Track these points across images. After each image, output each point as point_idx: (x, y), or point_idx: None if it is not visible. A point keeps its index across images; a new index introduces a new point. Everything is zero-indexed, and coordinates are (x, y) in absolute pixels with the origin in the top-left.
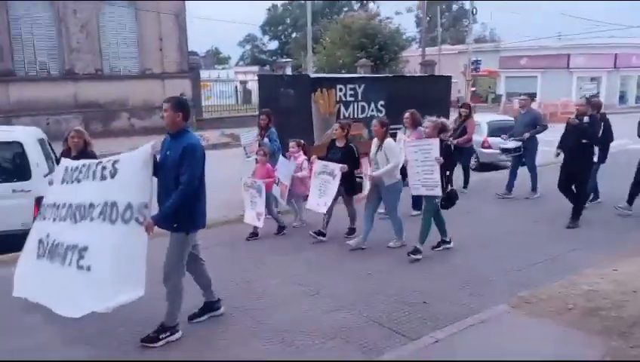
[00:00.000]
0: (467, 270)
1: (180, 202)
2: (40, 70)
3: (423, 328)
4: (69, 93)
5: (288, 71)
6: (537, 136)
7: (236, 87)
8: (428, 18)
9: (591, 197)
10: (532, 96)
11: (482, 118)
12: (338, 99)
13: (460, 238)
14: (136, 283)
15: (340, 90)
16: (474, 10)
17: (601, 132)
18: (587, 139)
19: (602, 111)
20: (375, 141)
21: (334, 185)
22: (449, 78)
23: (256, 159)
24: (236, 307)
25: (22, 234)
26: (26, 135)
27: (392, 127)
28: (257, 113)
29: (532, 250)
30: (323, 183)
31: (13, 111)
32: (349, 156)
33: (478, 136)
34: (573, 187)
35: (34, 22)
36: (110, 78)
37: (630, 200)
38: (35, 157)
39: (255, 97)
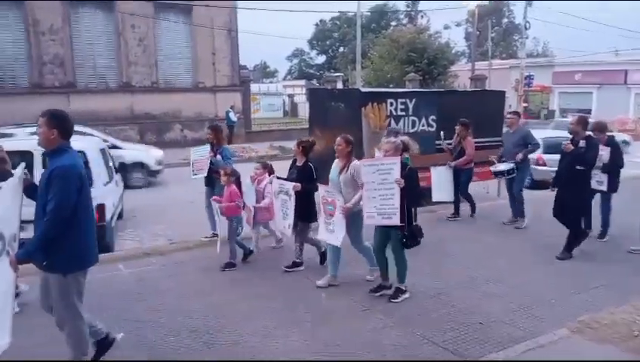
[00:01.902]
0: (524, 291)
1: (45, 236)
2: (99, 82)
3: (480, 350)
4: (125, 104)
5: (339, 85)
6: (530, 155)
7: (284, 100)
8: (477, 32)
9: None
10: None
11: (537, 135)
12: (388, 114)
13: (517, 258)
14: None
15: (391, 104)
16: (527, 24)
17: (608, 157)
18: (581, 164)
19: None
20: (336, 162)
21: (292, 205)
22: (502, 92)
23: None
24: (285, 319)
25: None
26: (89, 144)
27: (447, 142)
28: (307, 126)
29: (589, 274)
30: (283, 204)
31: (74, 121)
32: (305, 175)
33: (532, 154)
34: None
35: (95, 36)
36: (165, 90)
37: None
38: (97, 166)
39: (301, 110)
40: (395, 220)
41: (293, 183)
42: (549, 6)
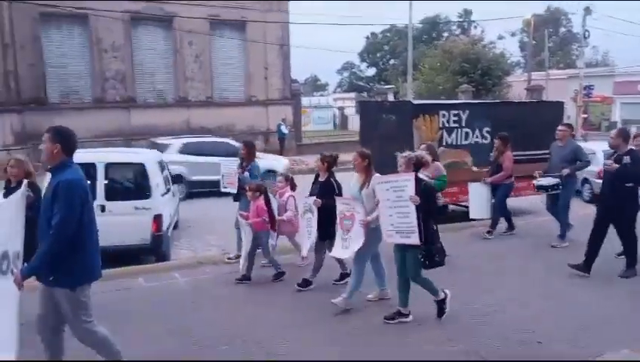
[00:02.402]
0: (584, 309)
1: (51, 250)
2: (158, 97)
3: None
4: (182, 118)
5: (390, 97)
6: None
7: (334, 113)
8: (533, 42)
9: None
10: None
11: (598, 147)
12: (441, 126)
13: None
14: (7, 346)
15: (443, 116)
16: (586, 33)
17: None
18: (628, 181)
19: None
20: (357, 176)
21: (315, 222)
22: (560, 103)
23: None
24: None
25: (140, 248)
26: (148, 157)
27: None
28: (358, 138)
29: None
30: (308, 222)
31: (133, 135)
32: (327, 191)
33: (594, 167)
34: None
35: (154, 52)
36: (219, 104)
37: None
38: (155, 178)
39: (352, 123)
40: (414, 239)
41: (314, 198)
42: (609, 14)
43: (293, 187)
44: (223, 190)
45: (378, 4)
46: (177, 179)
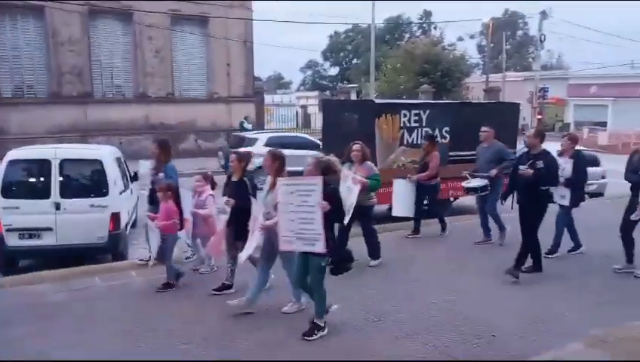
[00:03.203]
0: (538, 305)
1: None
2: (116, 93)
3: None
4: (141, 114)
5: (353, 96)
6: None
7: (297, 111)
8: (491, 44)
9: (570, 247)
10: (602, 125)
11: (552, 148)
12: (402, 125)
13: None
14: None
15: (405, 115)
16: (542, 36)
17: (571, 170)
18: (544, 184)
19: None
20: (268, 179)
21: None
22: (516, 105)
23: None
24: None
25: (97, 247)
26: (105, 153)
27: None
28: (320, 137)
29: (600, 289)
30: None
31: (90, 131)
32: (240, 192)
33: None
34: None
35: (113, 47)
36: (180, 101)
37: (630, 258)
38: (113, 174)
39: (314, 122)
40: (319, 247)
41: (226, 198)
42: (563, 18)
43: (213, 186)
44: (142, 191)
45: (342, 3)
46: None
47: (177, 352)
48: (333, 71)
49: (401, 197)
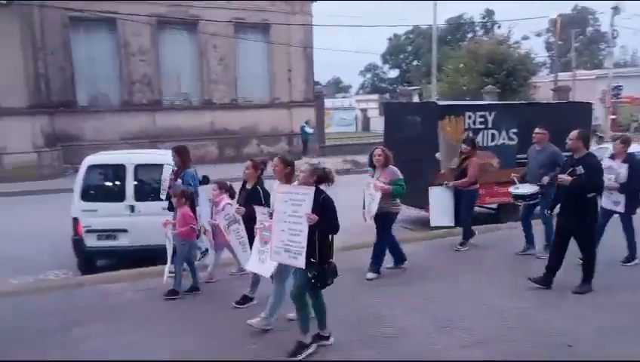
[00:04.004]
0: (615, 311)
1: None
2: (183, 100)
3: None
4: (206, 120)
5: (415, 98)
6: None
7: (356, 115)
8: (560, 42)
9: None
10: None
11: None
12: (467, 127)
13: (606, 279)
14: None
15: (469, 117)
16: (615, 32)
17: (626, 175)
18: (588, 191)
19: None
20: (278, 185)
21: (244, 231)
22: (589, 104)
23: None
24: (365, 335)
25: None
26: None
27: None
28: (382, 140)
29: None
30: (237, 234)
31: (159, 137)
32: (253, 199)
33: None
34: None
35: (180, 56)
36: (243, 107)
37: None
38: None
39: (374, 125)
40: (300, 262)
41: (236, 207)
42: (637, 12)
43: (232, 195)
44: (161, 196)
45: (400, 5)
46: None
47: (250, 352)
48: (393, 73)
49: (439, 206)
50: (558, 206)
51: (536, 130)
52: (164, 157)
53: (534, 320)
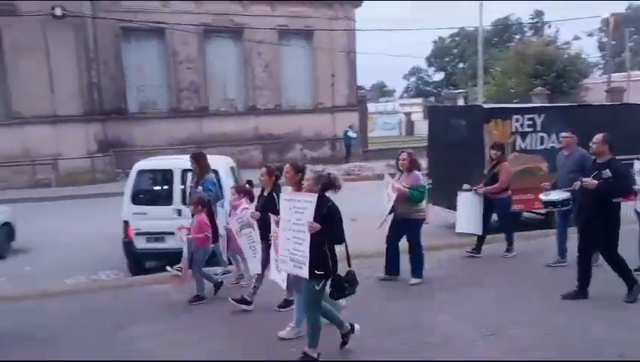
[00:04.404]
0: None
1: None
2: (229, 106)
3: None
4: (251, 126)
5: (460, 102)
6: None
7: (400, 119)
8: (613, 42)
9: None
10: None
11: None
12: (514, 130)
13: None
14: None
15: (517, 120)
16: None
17: None
18: (614, 196)
19: None
20: (289, 191)
21: (257, 236)
22: None
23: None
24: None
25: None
26: (221, 163)
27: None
28: (426, 144)
29: None
30: (249, 239)
31: (205, 142)
32: (269, 205)
33: None
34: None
35: (225, 63)
36: (287, 112)
37: None
38: (227, 183)
39: (418, 129)
40: (305, 272)
41: (250, 212)
42: None
43: (252, 199)
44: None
45: (446, 7)
46: None
47: (291, 354)
48: (438, 77)
49: (466, 212)
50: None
51: (563, 133)
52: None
53: (580, 329)
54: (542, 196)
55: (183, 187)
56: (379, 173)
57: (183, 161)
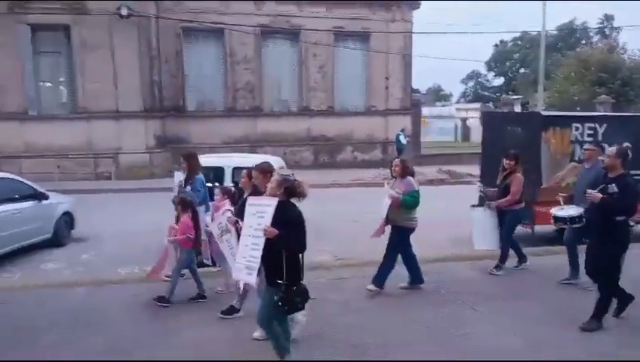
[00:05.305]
0: None
1: None
2: (282, 107)
3: None
4: (304, 127)
5: (517, 108)
6: None
7: (456, 124)
8: None
9: None
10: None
11: None
12: (573, 139)
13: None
14: None
15: (576, 129)
16: None
17: None
18: (620, 214)
19: None
20: (253, 196)
21: (235, 241)
22: None
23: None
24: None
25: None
26: (271, 163)
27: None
28: (479, 151)
29: None
30: (229, 244)
31: (258, 142)
32: (244, 209)
33: None
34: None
35: (280, 64)
36: (339, 114)
37: None
38: None
39: (475, 134)
40: (252, 278)
41: (229, 216)
42: None
43: (234, 201)
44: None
45: (509, 10)
46: None
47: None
48: (498, 81)
49: (481, 228)
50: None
51: (585, 146)
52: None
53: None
54: (553, 211)
55: (232, 184)
56: (431, 179)
57: (235, 159)
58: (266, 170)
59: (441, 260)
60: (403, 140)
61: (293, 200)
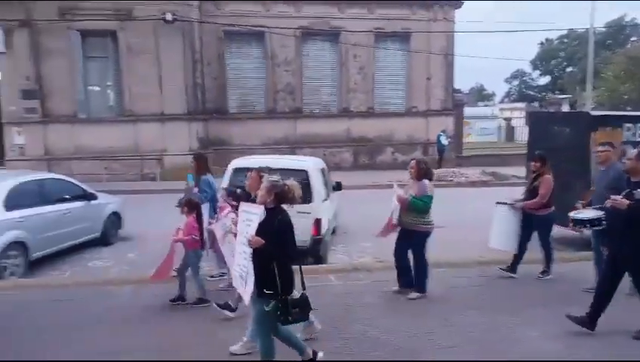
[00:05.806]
0: None
1: None
2: (322, 108)
3: None
4: (343, 128)
5: (565, 107)
6: None
7: (499, 124)
8: None
9: None
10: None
11: None
12: (625, 140)
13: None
14: None
15: (628, 129)
16: None
17: None
18: None
19: None
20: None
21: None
22: None
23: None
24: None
25: (301, 250)
26: (311, 165)
27: None
28: (526, 152)
29: None
30: (230, 246)
31: (298, 143)
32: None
33: None
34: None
35: (321, 66)
36: (379, 115)
37: None
38: (317, 184)
39: (519, 135)
40: (248, 289)
41: (232, 217)
42: None
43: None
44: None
45: (556, 7)
46: None
47: None
48: (543, 80)
49: (500, 227)
50: None
51: (599, 147)
52: (300, 162)
53: None
54: (571, 214)
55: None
56: (473, 181)
57: (274, 161)
58: (262, 173)
59: (485, 264)
60: (444, 141)
61: (285, 206)
